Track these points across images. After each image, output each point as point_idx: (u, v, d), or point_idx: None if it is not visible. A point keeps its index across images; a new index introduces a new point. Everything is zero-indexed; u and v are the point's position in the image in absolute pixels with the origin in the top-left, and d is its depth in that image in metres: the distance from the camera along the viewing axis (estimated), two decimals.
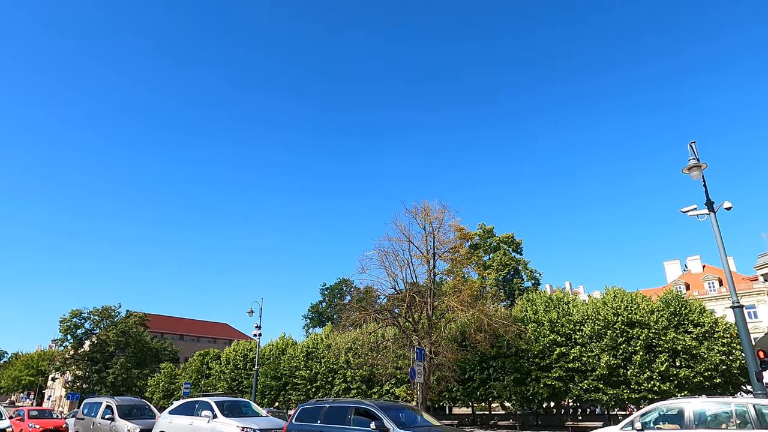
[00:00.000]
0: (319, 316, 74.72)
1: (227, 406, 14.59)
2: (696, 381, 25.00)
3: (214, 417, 13.67)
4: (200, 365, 54.67)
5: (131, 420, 16.85)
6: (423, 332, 26.07)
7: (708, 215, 13.94)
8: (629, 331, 26.42)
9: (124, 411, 17.45)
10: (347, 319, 29.15)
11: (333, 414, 11.40)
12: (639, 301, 27.97)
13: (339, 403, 12.07)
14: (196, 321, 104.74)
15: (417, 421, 11.24)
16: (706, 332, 26.12)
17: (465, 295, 26.35)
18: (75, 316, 67.75)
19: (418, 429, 10.42)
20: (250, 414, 15.00)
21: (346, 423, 10.86)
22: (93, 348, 68.08)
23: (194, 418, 14.34)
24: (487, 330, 25.86)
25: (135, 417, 17.35)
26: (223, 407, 14.33)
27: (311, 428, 11.48)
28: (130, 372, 64.79)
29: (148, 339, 71.68)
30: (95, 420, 17.80)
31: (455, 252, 28.72)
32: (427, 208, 27.31)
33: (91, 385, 66.35)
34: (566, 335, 28.31)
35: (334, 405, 11.91)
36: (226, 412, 14.12)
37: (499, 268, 52.07)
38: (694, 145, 14.18)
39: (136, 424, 16.44)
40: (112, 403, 17.80)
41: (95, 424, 17.72)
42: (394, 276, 26.75)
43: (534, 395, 28.52)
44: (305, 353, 40.42)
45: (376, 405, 10.87)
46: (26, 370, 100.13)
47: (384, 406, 11.00)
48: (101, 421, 17.32)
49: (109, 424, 16.83)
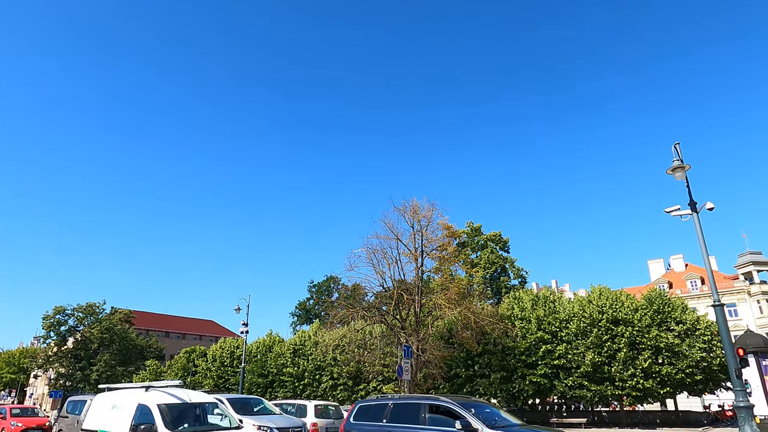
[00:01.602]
0: (307, 313, 74.64)
1: (239, 404, 13.85)
2: (678, 378, 25.47)
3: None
4: (186, 363, 54.24)
5: None
6: (410, 330, 26.18)
7: (691, 215, 14.21)
8: (614, 329, 26.80)
9: None
10: (335, 317, 29.18)
11: (401, 412, 10.42)
12: (623, 299, 28.37)
13: (407, 400, 11.03)
14: (182, 318, 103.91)
15: (503, 419, 10.08)
16: (688, 330, 26.58)
17: (452, 292, 26.54)
18: (58, 313, 66.80)
19: (511, 429, 9.32)
20: (264, 412, 14.32)
21: (420, 422, 9.78)
22: (77, 345, 67.17)
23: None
24: (474, 327, 26.06)
25: None
26: (235, 405, 13.58)
27: (375, 428, 10.50)
28: (115, 369, 64.08)
29: (133, 336, 70.94)
30: (79, 418, 17.15)
31: (443, 250, 28.88)
32: (415, 206, 27.42)
33: (74, 382, 65.49)
34: (552, 333, 28.60)
35: (402, 402, 10.90)
36: (239, 410, 13.37)
37: (487, 266, 52.43)
38: (678, 146, 14.43)
39: None
40: None
41: (79, 422, 17.25)
42: (382, 273, 26.85)
43: (520, 392, 28.80)
44: (292, 350, 40.32)
45: (455, 401, 9.83)
46: (7, 368, 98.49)
47: (464, 402, 9.91)
48: None
49: None
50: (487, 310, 28.75)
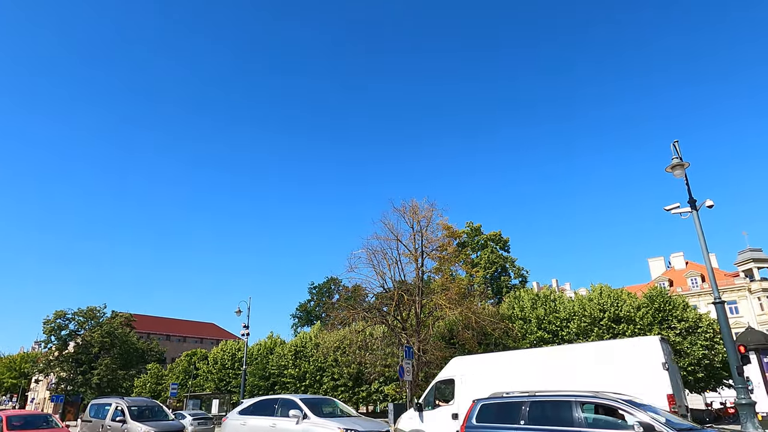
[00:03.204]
0: (308, 315, 74.63)
1: (311, 405, 12.66)
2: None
3: (305, 418, 11.92)
4: (187, 365, 54.23)
5: (144, 422, 15.74)
6: (411, 330, 26.17)
7: (691, 213, 14.20)
8: (615, 327, 26.79)
9: (136, 412, 16.44)
10: (336, 318, 29.21)
11: (545, 412, 8.78)
12: (625, 297, 28.37)
13: (551, 397, 9.12)
14: (182, 321, 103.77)
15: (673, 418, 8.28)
16: (690, 328, 26.57)
17: (453, 293, 26.56)
18: (59, 317, 66.67)
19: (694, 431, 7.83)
20: (338, 414, 13.04)
21: (575, 424, 8.14)
22: (77, 349, 67.07)
23: (277, 419, 12.55)
24: (475, 327, 26.07)
25: (148, 419, 16.33)
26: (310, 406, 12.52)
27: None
28: (116, 373, 64.00)
29: (134, 340, 70.89)
30: (104, 422, 16.71)
31: (443, 250, 28.90)
32: (415, 206, 27.46)
33: (75, 387, 65.38)
34: (553, 332, 28.60)
35: (544, 399, 9.06)
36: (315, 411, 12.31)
37: (487, 266, 52.41)
38: (677, 144, 14.43)
39: (150, 427, 15.35)
40: (122, 404, 16.74)
41: (104, 426, 16.58)
42: (382, 274, 26.88)
43: None
44: (294, 352, 40.33)
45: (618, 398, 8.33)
46: (8, 373, 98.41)
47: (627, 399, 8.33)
48: (111, 423, 16.26)
49: (120, 427, 15.78)
50: (487, 310, 28.77)
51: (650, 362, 12.57)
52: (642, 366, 12.67)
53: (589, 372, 13.28)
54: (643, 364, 12.67)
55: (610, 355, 13.68)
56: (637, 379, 12.33)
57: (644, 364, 12.65)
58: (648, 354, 12.84)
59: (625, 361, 13.06)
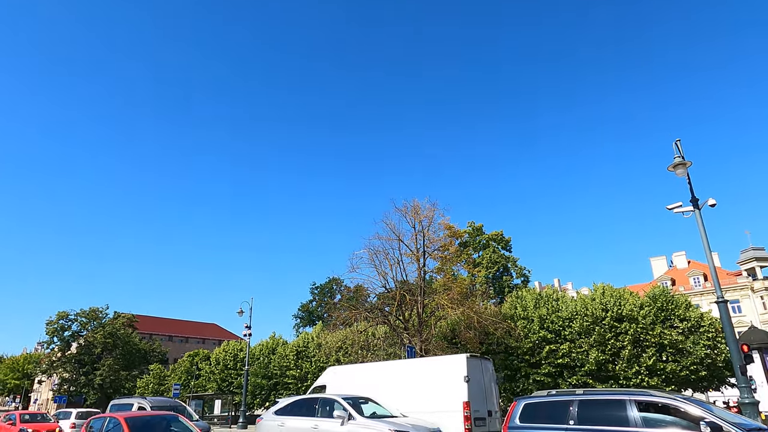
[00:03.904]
0: (310, 315, 74.61)
1: (353, 404, 12.12)
2: (682, 375, 25.40)
3: (351, 418, 11.45)
4: (190, 366, 54.25)
5: None
6: (413, 330, 26.15)
7: (693, 212, 14.18)
8: (617, 326, 26.74)
9: None
10: (338, 318, 29.15)
11: (596, 411, 8.32)
12: (627, 296, 28.31)
13: (601, 395, 8.75)
14: (184, 322, 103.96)
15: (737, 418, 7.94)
16: (692, 327, 26.50)
17: (455, 293, 26.52)
18: (61, 318, 66.86)
19: None
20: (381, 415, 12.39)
21: (630, 424, 7.74)
22: (80, 350, 67.22)
23: (319, 420, 12.12)
24: (477, 327, 26.02)
25: None
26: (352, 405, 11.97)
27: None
28: (119, 374, 64.14)
29: (137, 340, 71.05)
30: None
31: (445, 250, 28.86)
32: (416, 206, 27.43)
33: (78, 387, 65.54)
34: (555, 331, 28.55)
35: (595, 398, 8.67)
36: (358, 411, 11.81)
37: (489, 265, 52.35)
38: (679, 143, 14.41)
39: None
40: (145, 404, 16.21)
41: None
42: (384, 274, 26.85)
43: (523, 391, 28.73)
44: (296, 352, 40.31)
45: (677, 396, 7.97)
46: (11, 374, 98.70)
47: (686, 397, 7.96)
48: None
49: None
50: (489, 310, 28.71)
51: (456, 375, 14.55)
52: (451, 378, 14.69)
53: (420, 382, 15.53)
54: (451, 377, 14.68)
55: (434, 369, 15.72)
56: (446, 389, 14.50)
57: (452, 376, 14.66)
58: (455, 368, 14.83)
59: (442, 373, 15.16)
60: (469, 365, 14.79)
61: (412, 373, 16.38)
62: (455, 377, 14.53)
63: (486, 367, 16.39)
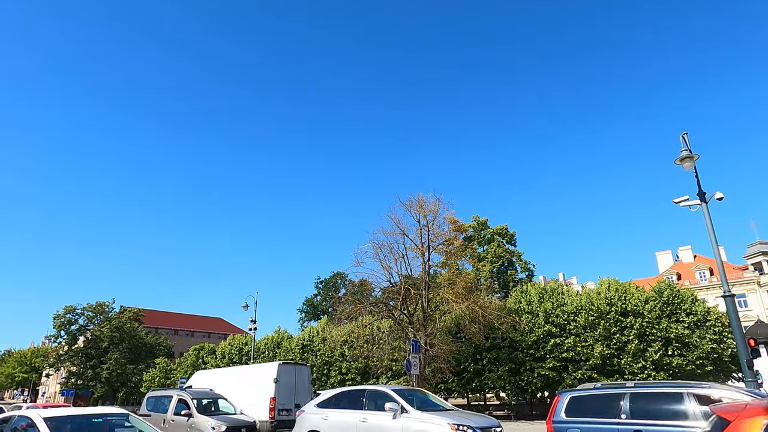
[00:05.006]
0: (314, 309, 74.83)
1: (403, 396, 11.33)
2: (688, 369, 25.36)
3: (403, 411, 10.66)
4: (195, 360, 54.54)
5: (212, 416, 14.80)
6: (418, 324, 26.19)
7: (700, 206, 14.06)
8: (623, 321, 26.70)
9: (201, 405, 15.48)
10: (342, 312, 29.20)
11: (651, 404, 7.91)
12: (632, 290, 28.22)
13: (656, 387, 8.32)
14: (190, 316, 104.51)
15: None
16: (698, 321, 26.44)
17: (459, 287, 26.51)
18: (69, 312, 67.39)
19: None
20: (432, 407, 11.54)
21: (689, 417, 7.31)
22: (87, 344, 67.77)
23: (367, 413, 11.43)
24: (482, 321, 26.03)
25: (213, 412, 15.56)
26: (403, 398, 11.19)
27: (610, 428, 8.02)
28: (125, 367, 64.65)
29: (143, 334, 71.50)
30: (167, 417, 15.82)
31: (450, 244, 28.85)
32: (421, 200, 27.40)
33: (85, 381, 66.12)
34: (560, 326, 28.54)
35: (649, 391, 8.24)
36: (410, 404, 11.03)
37: (493, 259, 52.27)
38: (686, 136, 14.28)
39: (221, 421, 14.26)
40: (186, 396, 15.83)
41: (167, 421, 15.70)
42: (389, 269, 26.85)
43: (528, 385, 28.79)
44: (301, 346, 40.51)
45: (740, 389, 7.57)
46: (19, 367, 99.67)
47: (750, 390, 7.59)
48: (174, 417, 15.39)
49: (186, 422, 14.80)
50: (494, 304, 28.70)
51: (269, 377, 18.66)
52: (265, 379, 18.74)
53: (250, 382, 19.46)
54: (266, 378, 18.75)
55: (258, 372, 19.84)
56: (262, 387, 18.53)
57: (267, 378, 18.73)
58: (269, 372, 18.89)
59: (262, 376, 19.17)
60: (280, 370, 18.85)
61: (247, 375, 20.59)
62: (268, 379, 18.58)
63: (300, 370, 20.21)
